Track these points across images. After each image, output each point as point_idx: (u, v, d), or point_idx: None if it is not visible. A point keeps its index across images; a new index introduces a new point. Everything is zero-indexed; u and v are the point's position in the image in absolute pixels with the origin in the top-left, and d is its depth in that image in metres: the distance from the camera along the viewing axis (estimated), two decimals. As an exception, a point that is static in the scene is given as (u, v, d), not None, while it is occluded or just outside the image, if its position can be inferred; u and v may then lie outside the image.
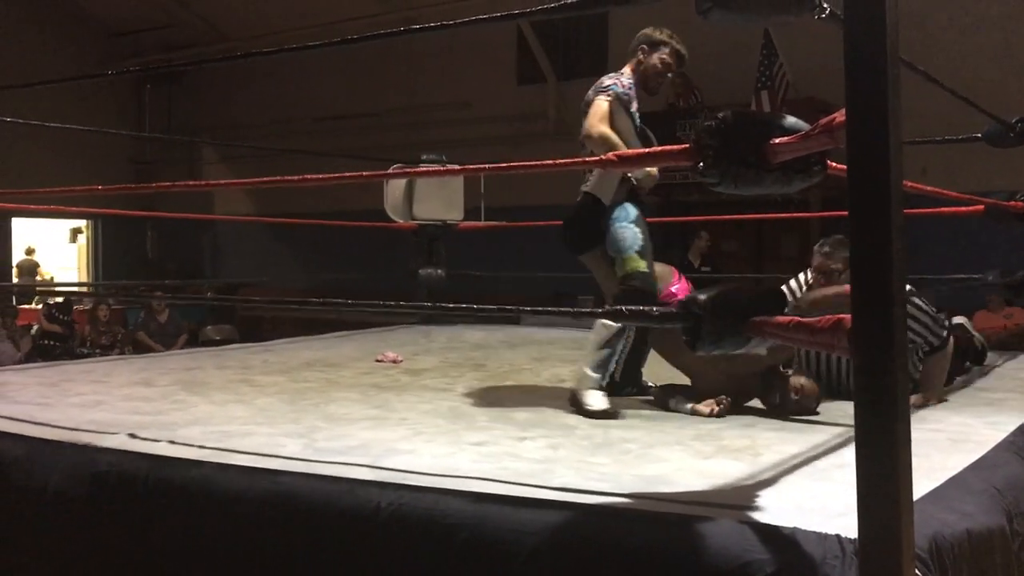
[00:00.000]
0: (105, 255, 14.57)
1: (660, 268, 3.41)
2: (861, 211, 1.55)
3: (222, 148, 13.67)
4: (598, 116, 3.28)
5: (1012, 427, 2.76)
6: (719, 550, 1.69)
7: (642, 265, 3.22)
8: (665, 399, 3.22)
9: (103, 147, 13.31)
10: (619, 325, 3.16)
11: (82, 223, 14.76)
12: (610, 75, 3.41)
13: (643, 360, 3.58)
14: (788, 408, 3.09)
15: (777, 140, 1.85)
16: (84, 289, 12.25)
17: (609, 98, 3.30)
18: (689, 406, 3.13)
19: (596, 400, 3.12)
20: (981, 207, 4.67)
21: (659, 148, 2.07)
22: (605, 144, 3.19)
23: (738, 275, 8.44)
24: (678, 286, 3.39)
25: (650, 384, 3.54)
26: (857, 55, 1.54)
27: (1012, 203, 4.52)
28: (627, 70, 3.44)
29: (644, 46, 3.43)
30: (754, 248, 10.31)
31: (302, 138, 12.44)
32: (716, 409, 3.08)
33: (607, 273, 3.36)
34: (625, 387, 3.49)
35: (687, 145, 1.96)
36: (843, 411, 3.07)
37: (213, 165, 14.32)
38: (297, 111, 12.97)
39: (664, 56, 3.43)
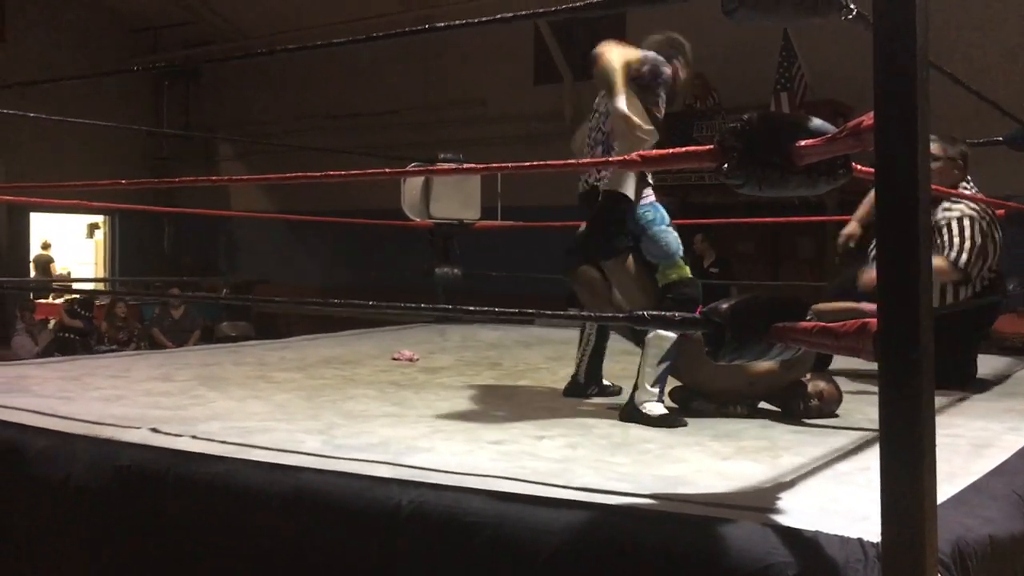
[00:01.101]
0: (122, 250, 14.67)
1: None
2: (889, 215, 1.54)
3: (238, 145, 13.73)
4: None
5: (1033, 432, 2.75)
6: (741, 552, 1.69)
7: (688, 271, 3.15)
8: (687, 400, 3.21)
9: (120, 143, 13.39)
10: (675, 335, 3.00)
11: (99, 218, 14.86)
12: None
13: (603, 360, 3.51)
14: (810, 415, 3.08)
15: (803, 142, 1.85)
16: (101, 285, 12.32)
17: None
18: (713, 407, 3.13)
19: (658, 408, 2.99)
20: (1002, 211, 4.64)
21: (684, 149, 2.06)
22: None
23: (741, 282, 8.42)
24: None
25: (609, 384, 3.49)
26: (887, 57, 1.53)
27: (1033, 207, 4.50)
28: None
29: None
30: (770, 250, 10.29)
31: (318, 135, 12.48)
32: (740, 409, 3.09)
33: (632, 280, 3.24)
34: (589, 387, 3.46)
35: (711, 146, 1.96)
36: (863, 414, 3.07)
37: (230, 162, 14.40)
38: (313, 108, 13.02)
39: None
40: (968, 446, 2.59)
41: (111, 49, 13.61)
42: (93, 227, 15.16)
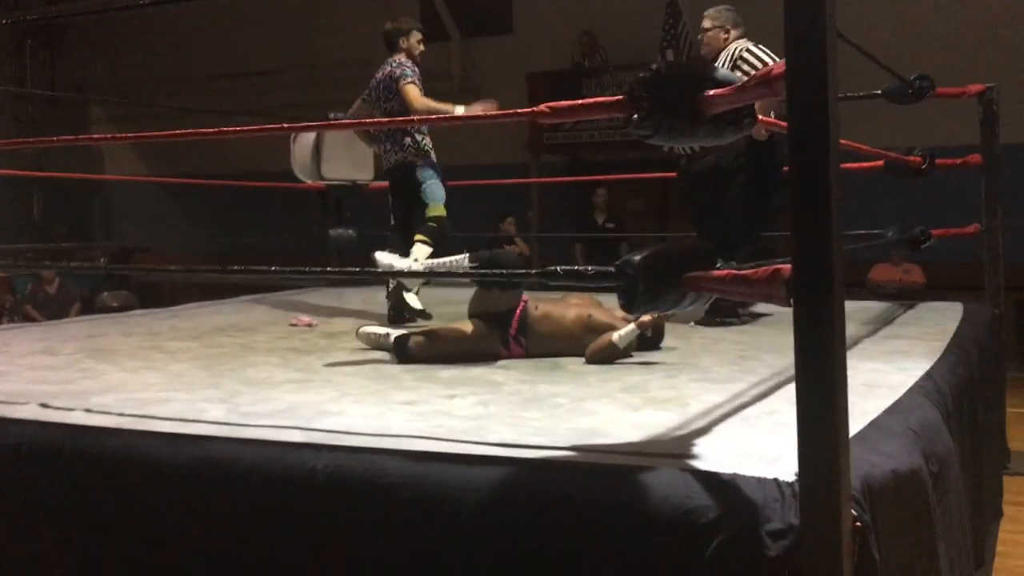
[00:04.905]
0: (-13, 220, 13.85)
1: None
2: (801, 160, 1.57)
3: (111, 107, 13.09)
4: (418, 95, 4.42)
5: (920, 372, 2.88)
6: (662, 498, 1.71)
7: (443, 212, 4.60)
8: (608, 348, 3.24)
9: (-20, 107, 12.60)
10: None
11: (-40, 186, 13.99)
12: (397, 63, 4.52)
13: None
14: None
15: (711, 92, 1.86)
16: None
17: (415, 82, 4.45)
18: (631, 327, 3.19)
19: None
20: (881, 162, 4.84)
21: (593, 100, 2.05)
22: (431, 110, 4.37)
23: (644, 235, 8.56)
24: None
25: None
26: (797, 5, 1.55)
27: (910, 157, 4.70)
28: (402, 58, 4.57)
29: (403, 37, 4.62)
30: (659, 206, 10.48)
31: (197, 97, 12.00)
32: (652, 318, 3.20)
33: None
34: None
35: (621, 96, 1.96)
36: (760, 360, 3.17)
37: (101, 124, 13.72)
38: (192, 69, 12.51)
39: (419, 37, 4.68)
40: (861, 386, 2.68)
41: (-35, 6, 12.73)
42: (-46, 196, 14.26)
